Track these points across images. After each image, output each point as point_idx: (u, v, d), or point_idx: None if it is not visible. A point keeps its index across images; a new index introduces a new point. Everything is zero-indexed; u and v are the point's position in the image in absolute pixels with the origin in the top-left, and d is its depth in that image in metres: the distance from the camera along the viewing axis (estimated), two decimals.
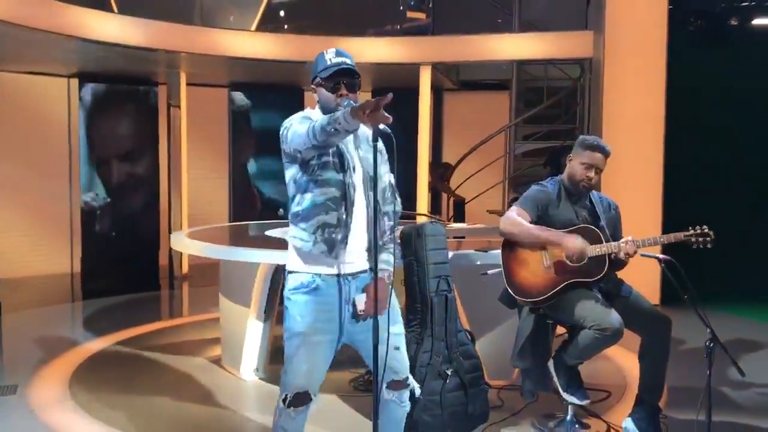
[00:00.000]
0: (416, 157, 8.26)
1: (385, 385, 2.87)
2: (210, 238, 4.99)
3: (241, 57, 8.03)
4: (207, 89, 9.37)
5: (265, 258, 4.38)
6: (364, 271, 2.81)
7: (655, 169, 6.99)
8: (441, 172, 9.57)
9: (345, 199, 2.72)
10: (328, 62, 2.76)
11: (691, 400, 4.26)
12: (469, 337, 3.93)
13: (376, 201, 2.63)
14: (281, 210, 9.02)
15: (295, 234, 2.79)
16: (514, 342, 3.87)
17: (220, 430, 3.90)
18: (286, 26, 9.79)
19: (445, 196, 9.87)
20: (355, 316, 2.78)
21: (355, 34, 8.69)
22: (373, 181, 2.60)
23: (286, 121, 2.79)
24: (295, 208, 2.79)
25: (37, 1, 6.39)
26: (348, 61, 2.77)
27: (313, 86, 2.85)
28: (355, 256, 2.78)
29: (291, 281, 2.79)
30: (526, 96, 10.03)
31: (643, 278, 7.08)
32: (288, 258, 2.84)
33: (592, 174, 3.69)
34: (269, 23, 9.17)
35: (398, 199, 2.98)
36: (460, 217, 9.18)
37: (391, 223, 2.92)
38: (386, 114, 2.39)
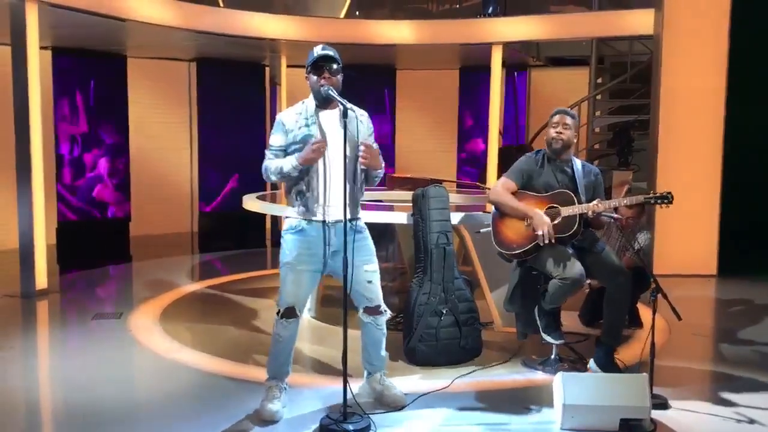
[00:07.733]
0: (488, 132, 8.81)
1: (361, 310, 3.67)
2: (276, 199, 5.94)
3: (333, 42, 8.94)
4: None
5: None
6: (340, 221, 3.55)
7: (714, 145, 7.20)
8: None
9: (313, 169, 3.50)
10: (315, 54, 3.54)
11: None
12: (467, 285, 4.63)
13: (347, 165, 3.41)
14: None
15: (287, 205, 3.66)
16: (507, 289, 4.53)
17: None
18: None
19: None
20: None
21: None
22: (354, 149, 3.42)
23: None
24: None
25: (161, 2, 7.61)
26: (330, 52, 3.53)
27: (306, 76, 3.63)
28: (333, 209, 3.55)
29: (284, 224, 3.64)
30: (612, 71, 10.29)
31: (700, 250, 7.39)
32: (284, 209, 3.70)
33: (560, 129, 4.26)
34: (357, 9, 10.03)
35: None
36: None
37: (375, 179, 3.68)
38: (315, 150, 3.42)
